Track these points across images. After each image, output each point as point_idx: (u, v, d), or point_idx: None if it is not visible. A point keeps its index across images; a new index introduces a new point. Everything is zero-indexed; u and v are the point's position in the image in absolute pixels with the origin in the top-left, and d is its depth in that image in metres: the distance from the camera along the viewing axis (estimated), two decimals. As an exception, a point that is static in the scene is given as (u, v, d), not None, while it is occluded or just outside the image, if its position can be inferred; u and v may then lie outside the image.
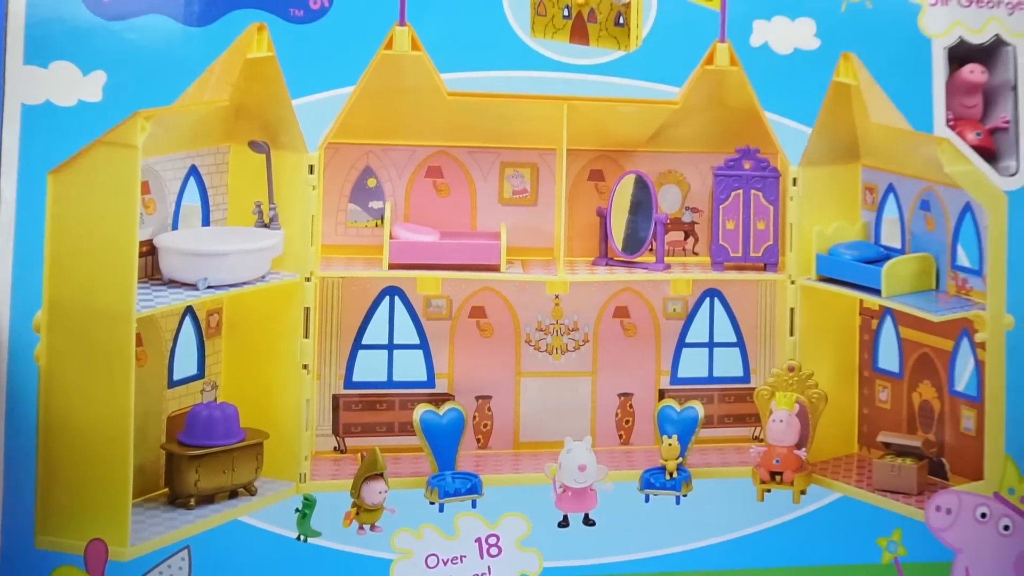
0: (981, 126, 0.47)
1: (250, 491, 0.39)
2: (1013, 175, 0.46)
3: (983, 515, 0.44)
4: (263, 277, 0.39)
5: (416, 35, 0.41)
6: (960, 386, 0.45)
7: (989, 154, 0.47)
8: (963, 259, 0.46)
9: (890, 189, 0.46)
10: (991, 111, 0.47)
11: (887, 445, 0.45)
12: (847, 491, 0.44)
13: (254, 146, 0.40)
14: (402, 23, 0.41)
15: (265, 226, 0.40)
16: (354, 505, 0.39)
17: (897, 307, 0.45)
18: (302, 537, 0.39)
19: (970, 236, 0.46)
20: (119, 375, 0.37)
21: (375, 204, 0.41)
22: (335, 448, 0.40)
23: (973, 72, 0.46)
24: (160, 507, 0.38)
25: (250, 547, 0.39)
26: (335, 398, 0.40)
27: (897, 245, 0.46)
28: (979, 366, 0.45)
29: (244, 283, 0.39)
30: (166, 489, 0.39)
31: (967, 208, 0.46)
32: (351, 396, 0.40)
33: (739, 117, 0.44)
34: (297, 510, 0.39)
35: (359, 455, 0.39)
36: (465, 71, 0.41)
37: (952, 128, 0.46)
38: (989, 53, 0.47)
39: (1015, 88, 0.46)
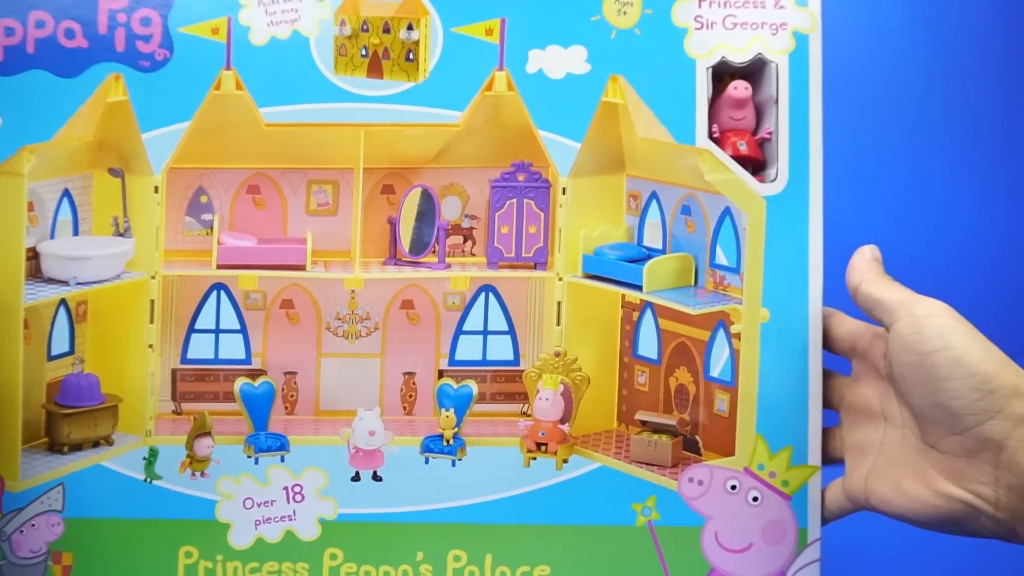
0: (751, 137, 0.51)
1: (109, 442, 0.50)
2: (773, 181, 0.50)
3: (733, 487, 0.50)
4: (119, 276, 0.50)
5: (239, 77, 0.50)
6: (715, 372, 0.50)
7: (758, 163, 0.51)
8: (721, 258, 0.51)
9: (653, 196, 0.51)
10: (762, 123, 0.52)
11: (644, 423, 0.51)
12: (606, 462, 0.50)
13: (112, 172, 0.51)
14: (228, 68, 0.50)
15: (121, 235, 0.50)
16: (188, 456, 0.50)
17: (657, 301, 0.50)
18: (148, 479, 0.50)
19: (728, 237, 0.51)
20: (10, 352, 0.49)
21: (206, 216, 0.51)
22: (173, 411, 0.50)
23: (737, 88, 0.51)
24: (41, 452, 0.50)
25: (109, 485, 0.50)
26: (173, 372, 0.50)
27: (659, 246, 0.51)
28: (734, 354, 0.50)
29: (105, 280, 0.50)
30: (46, 439, 0.51)
31: (726, 212, 0.51)
32: (186, 370, 0.50)
33: (515, 136, 0.51)
34: (144, 458, 0.50)
35: (192, 417, 0.50)
36: (279, 105, 0.50)
37: (718, 140, 0.51)
38: (759, 70, 0.51)
39: (777, 102, 0.50)
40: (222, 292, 0.50)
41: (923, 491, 0.43)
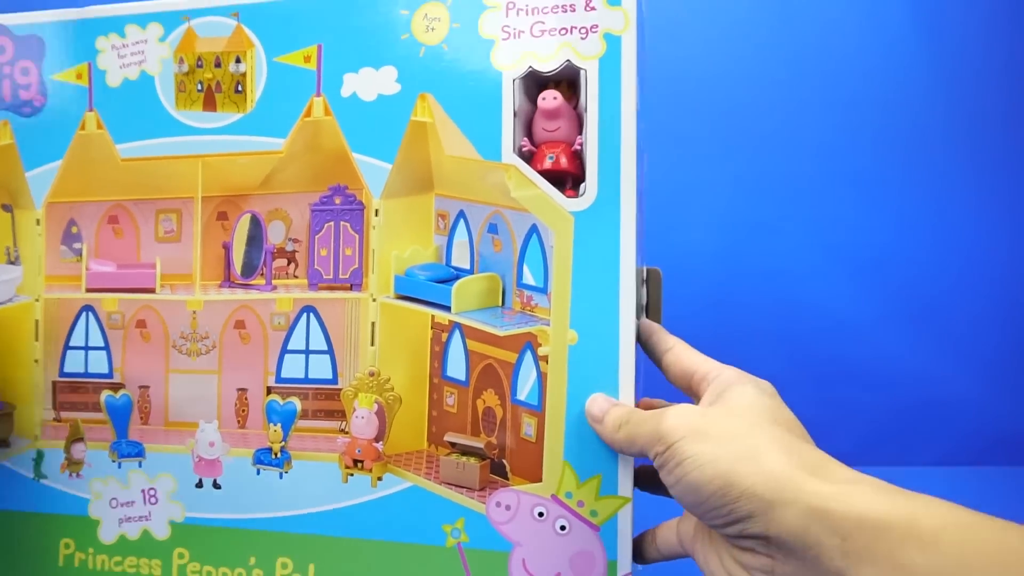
0: (566, 149, 0.49)
1: (6, 444, 0.58)
2: (581, 196, 0.47)
3: (541, 514, 0.48)
4: (11, 299, 0.57)
5: (100, 117, 0.55)
6: (522, 395, 0.49)
7: (577, 177, 0.48)
8: (528, 278, 0.49)
9: (460, 215, 0.50)
10: (580, 134, 0.49)
11: (453, 444, 0.50)
12: (418, 481, 0.50)
13: (4, 207, 0.58)
14: (91, 109, 0.55)
15: (11, 264, 0.57)
16: (66, 458, 0.56)
17: (464, 322, 0.49)
18: (36, 478, 0.57)
19: (536, 256, 0.49)
20: (-69, 364, 0.57)
21: (77, 245, 0.56)
22: (55, 418, 0.57)
23: (546, 99, 0.48)
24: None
25: (4, 482, 0.57)
26: (54, 384, 0.57)
27: (466, 266, 0.50)
28: (541, 377, 0.48)
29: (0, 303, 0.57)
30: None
31: (533, 229, 0.49)
32: (63, 383, 0.56)
33: (332, 160, 0.51)
34: (33, 459, 0.57)
35: (68, 424, 0.56)
36: (132, 141, 0.55)
37: (531, 153, 0.48)
38: (574, 78, 0.48)
39: (586, 110, 0.47)
40: (90, 313, 0.56)
41: (719, 568, 0.40)
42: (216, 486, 0.54)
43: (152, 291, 0.55)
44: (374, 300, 0.51)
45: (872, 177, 0.88)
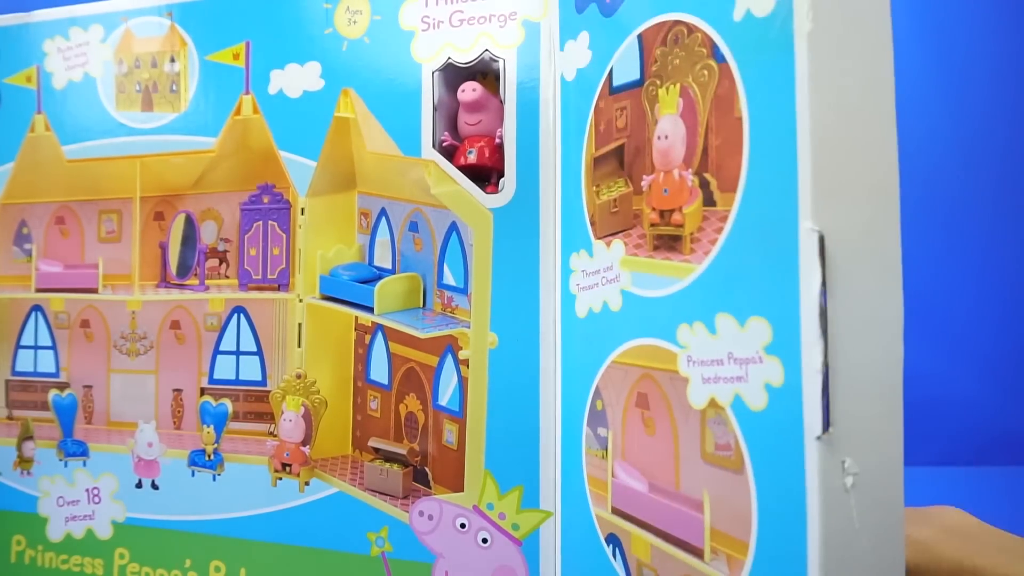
0: (490, 142, 0.46)
1: (-34, 440, 0.59)
2: (499, 192, 0.45)
3: (462, 525, 0.46)
4: (-30, 299, 0.58)
5: (47, 120, 0.56)
6: (444, 401, 0.47)
7: (501, 172, 0.46)
8: (449, 278, 0.47)
9: (383, 213, 0.48)
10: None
11: (377, 450, 0.48)
12: (343, 487, 0.49)
13: (-36, 210, 0.59)
14: (39, 111, 0.56)
15: (-29, 264, 0.59)
16: (18, 456, 0.57)
17: (386, 323, 0.48)
18: (-7, 474, 0.58)
19: (456, 255, 0.46)
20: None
21: (27, 246, 0.57)
22: (7, 416, 0.57)
23: (465, 91, 0.46)
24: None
25: (-35, 478, 0.58)
26: (6, 382, 0.58)
27: (388, 266, 0.48)
28: (462, 382, 0.46)
29: (-38, 302, 0.58)
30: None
31: (453, 228, 0.46)
32: (15, 381, 0.57)
33: (261, 158, 0.51)
34: (-10, 456, 0.58)
35: (19, 422, 0.57)
36: (77, 143, 0.55)
37: (453, 148, 0.46)
38: (491, 68, 0.46)
39: (504, 101, 0.45)
40: (38, 313, 0.57)
41: None
42: (155, 487, 0.54)
43: (95, 291, 0.55)
44: (300, 301, 0.50)
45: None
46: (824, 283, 0.28)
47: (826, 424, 0.28)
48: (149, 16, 0.54)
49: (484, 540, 0.46)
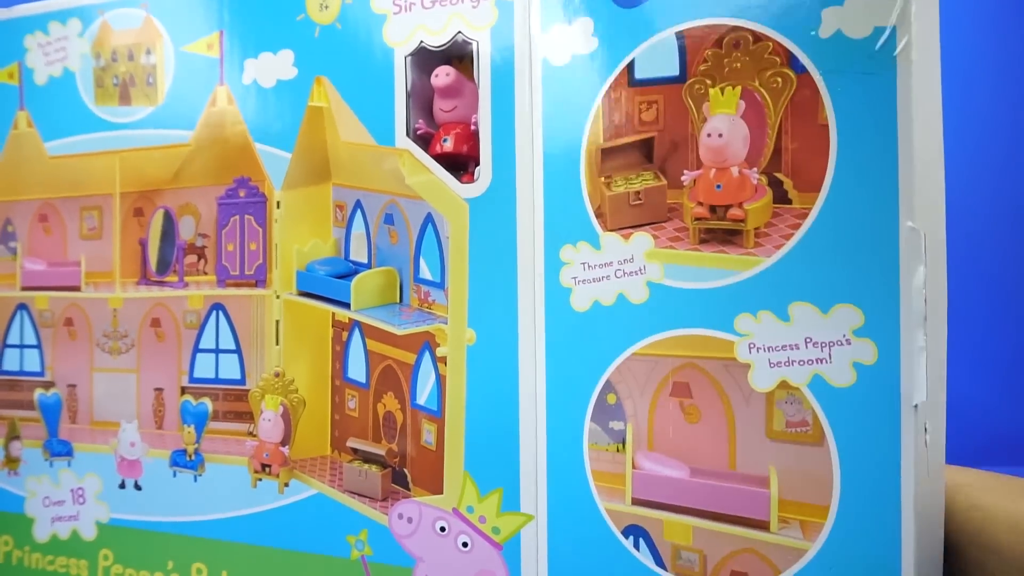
0: (466, 129, 0.44)
1: (-44, 440, 0.59)
2: (475, 181, 0.43)
3: (442, 528, 0.44)
4: (-41, 298, 0.58)
5: (30, 116, 0.55)
6: (422, 400, 0.45)
7: (478, 160, 0.44)
8: (425, 272, 0.45)
9: (357, 205, 0.47)
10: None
11: (355, 451, 0.47)
12: (322, 488, 0.47)
13: (-48, 209, 0.58)
14: (22, 108, 0.55)
15: (-41, 263, 0.58)
16: (5, 455, 0.56)
17: (362, 319, 0.46)
18: (-20, 474, 0.57)
19: (432, 248, 0.45)
20: None
21: (12, 244, 0.57)
22: (-4, 416, 0.57)
23: (438, 76, 0.44)
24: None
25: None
26: (-6, 382, 0.57)
27: (364, 260, 0.46)
28: (440, 380, 0.44)
29: (-48, 302, 0.58)
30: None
31: (428, 219, 0.44)
32: (2, 380, 0.57)
33: (236, 151, 0.49)
34: (-21, 456, 0.58)
35: (6, 422, 0.56)
36: (59, 139, 0.54)
37: (429, 136, 0.44)
38: (465, 52, 0.44)
39: (479, 86, 0.43)
40: (24, 311, 0.56)
41: None
42: (137, 487, 0.53)
43: (77, 289, 0.54)
44: (278, 297, 0.48)
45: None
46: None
47: (923, 394, 0.35)
48: (125, 8, 0.52)
49: (464, 544, 0.44)
